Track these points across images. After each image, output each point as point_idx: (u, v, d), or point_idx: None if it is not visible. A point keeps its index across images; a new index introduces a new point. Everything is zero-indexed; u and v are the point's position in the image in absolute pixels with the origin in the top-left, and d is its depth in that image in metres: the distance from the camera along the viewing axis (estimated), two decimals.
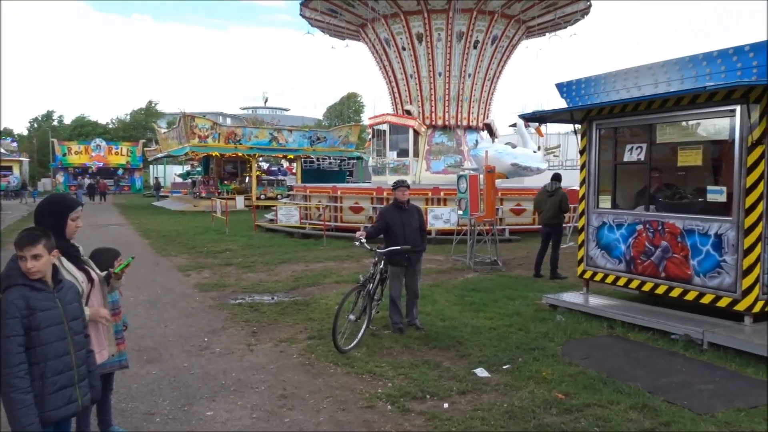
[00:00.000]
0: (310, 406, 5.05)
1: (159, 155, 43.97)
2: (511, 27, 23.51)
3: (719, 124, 7.24)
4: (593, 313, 7.77)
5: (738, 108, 6.45)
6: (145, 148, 56.23)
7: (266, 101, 76.24)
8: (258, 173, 35.79)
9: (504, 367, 5.89)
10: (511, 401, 5.01)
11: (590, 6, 23.81)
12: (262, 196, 32.86)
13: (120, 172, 57.46)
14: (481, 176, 12.96)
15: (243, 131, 32.44)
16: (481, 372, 5.75)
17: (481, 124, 23.92)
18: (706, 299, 6.86)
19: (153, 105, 73.15)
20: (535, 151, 21.65)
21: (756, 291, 6.41)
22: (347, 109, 73.05)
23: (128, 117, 72.37)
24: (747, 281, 6.44)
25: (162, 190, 47.38)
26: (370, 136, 25.10)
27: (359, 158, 36.55)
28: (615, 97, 7.84)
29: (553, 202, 11.25)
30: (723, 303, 6.68)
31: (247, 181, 35.69)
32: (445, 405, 4.99)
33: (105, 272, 3.78)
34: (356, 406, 5.01)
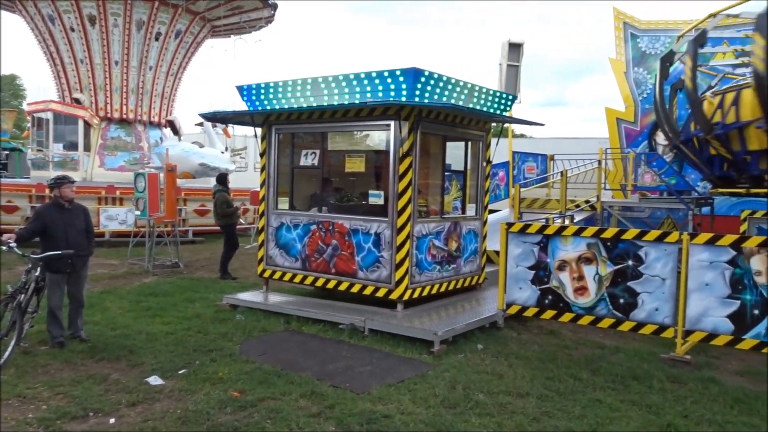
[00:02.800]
0: None
1: None
2: (196, 24, 22.92)
3: (379, 136, 8.27)
4: (272, 310, 8.08)
5: (392, 123, 7.44)
6: None
7: None
8: None
9: (180, 372, 5.69)
10: (185, 406, 4.86)
11: (274, 15, 24.68)
12: None
13: None
14: (162, 175, 12.34)
15: None
16: (154, 380, 5.46)
17: (163, 121, 22.78)
18: (368, 291, 7.74)
19: None
20: (222, 152, 21.61)
21: (406, 282, 7.48)
22: (4, 92, 61.51)
23: None
24: (399, 273, 7.47)
25: None
26: (29, 124, 21.67)
27: (16, 149, 31.23)
28: (293, 104, 8.28)
29: (214, 203, 11.37)
30: (381, 293, 7.63)
31: None
32: (112, 420, 4.59)
33: None
34: None
